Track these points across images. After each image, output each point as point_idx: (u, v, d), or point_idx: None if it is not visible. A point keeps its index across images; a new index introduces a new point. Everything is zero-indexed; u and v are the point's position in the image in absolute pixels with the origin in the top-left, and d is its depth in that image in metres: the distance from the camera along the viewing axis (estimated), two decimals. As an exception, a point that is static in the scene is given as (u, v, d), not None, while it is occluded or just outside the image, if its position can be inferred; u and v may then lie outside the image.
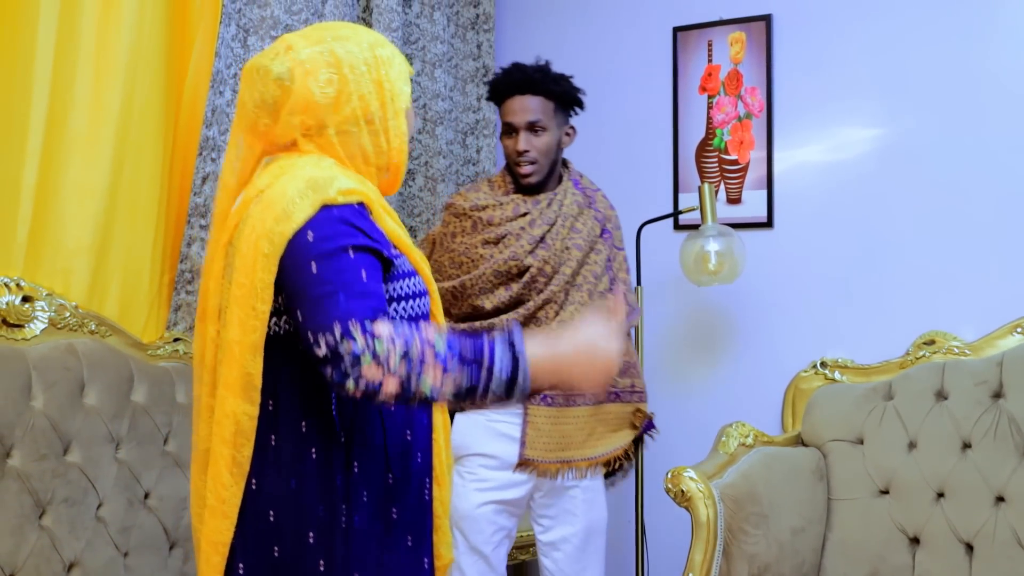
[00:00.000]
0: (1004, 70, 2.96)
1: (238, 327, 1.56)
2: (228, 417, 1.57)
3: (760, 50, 3.30)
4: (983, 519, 2.72)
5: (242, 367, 1.56)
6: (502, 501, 2.60)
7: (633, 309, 2.69)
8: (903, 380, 2.96)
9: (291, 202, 1.55)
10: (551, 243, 2.59)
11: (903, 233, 3.09)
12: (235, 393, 1.56)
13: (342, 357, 1.46)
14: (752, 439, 2.92)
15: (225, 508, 1.58)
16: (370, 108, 1.67)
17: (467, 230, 2.64)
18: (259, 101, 1.66)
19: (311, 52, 1.66)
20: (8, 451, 2.29)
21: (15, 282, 2.42)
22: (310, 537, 1.60)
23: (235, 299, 1.57)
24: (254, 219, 1.58)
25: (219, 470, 1.58)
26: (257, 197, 1.61)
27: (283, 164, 1.65)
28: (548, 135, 2.62)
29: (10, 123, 2.40)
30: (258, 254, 1.55)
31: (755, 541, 2.65)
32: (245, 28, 2.84)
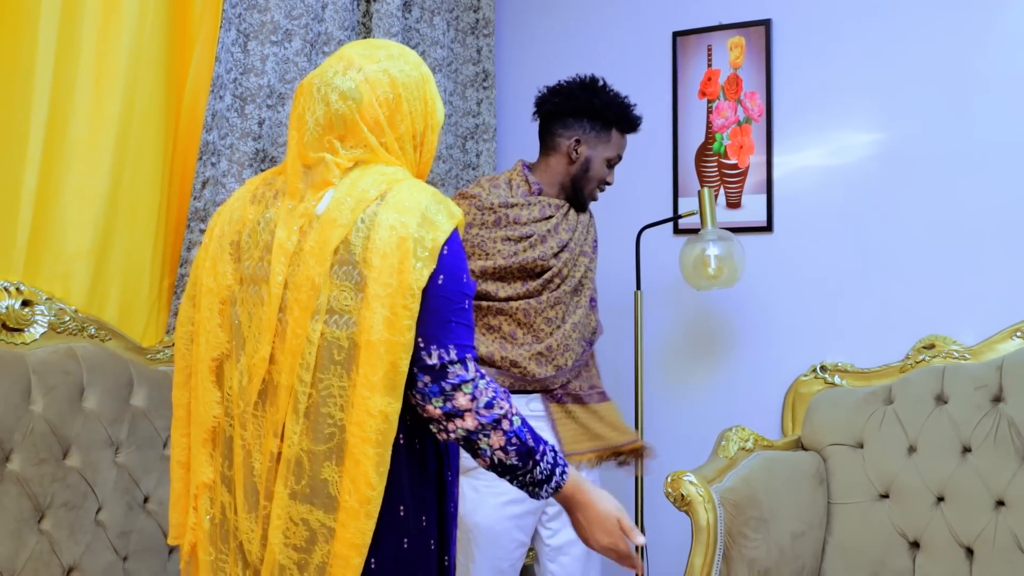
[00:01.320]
0: (1003, 75, 2.97)
1: (384, 326, 1.57)
2: (375, 416, 1.57)
3: (759, 55, 3.30)
4: (983, 523, 2.72)
5: (392, 364, 1.57)
6: (523, 513, 2.60)
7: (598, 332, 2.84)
8: (903, 384, 2.96)
9: (428, 210, 1.63)
10: (573, 248, 2.68)
11: (903, 237, 3.09)
12: (381, 391, 1.57)
13: (447, 375, 1.60)
14: (752, 443, 2.92)
15: (369, 508, 1.57)
16: (416, 123, 1.75)
17: (487, 224, 2.65)
18: (326, 117, 1.70)
19: (372, 69, 1.72)
20: (7, 455, 2.29)
21: (15, 286, 2.42)
22: (423, 521, 1.69)
23: (375, 297, 1.58)
24: (387, 220, 1.61)
25: (365, 470, 1.57)
26: (378, 200, 1.63)
27: (382, 170, 1.69)
28: None
29: (10, 127, 2.40)
30: (408, 254, 1.59)
31: (755, 545, 2.65)
32: (245, 33, 2.85)
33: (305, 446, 1.60)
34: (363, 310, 1.59)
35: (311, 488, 1.60)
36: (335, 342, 1.60)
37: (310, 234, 1.65)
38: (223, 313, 1.73)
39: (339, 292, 1.61)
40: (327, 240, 1.63)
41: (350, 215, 1.63)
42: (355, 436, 1.57)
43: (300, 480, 1.60)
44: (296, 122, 1.74)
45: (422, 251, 1.60)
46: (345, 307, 1.61)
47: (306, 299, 1.62)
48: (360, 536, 1.57)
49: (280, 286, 1.65)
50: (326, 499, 1.59)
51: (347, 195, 1.65)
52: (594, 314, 2.79)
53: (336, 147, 1.70)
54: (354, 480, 1.57)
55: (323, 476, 1.59)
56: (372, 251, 1.60)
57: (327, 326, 1.61)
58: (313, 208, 1.67)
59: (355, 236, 1.62)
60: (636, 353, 3.09)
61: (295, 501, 1.61)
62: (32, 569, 2.28)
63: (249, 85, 2.83)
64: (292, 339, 1.62)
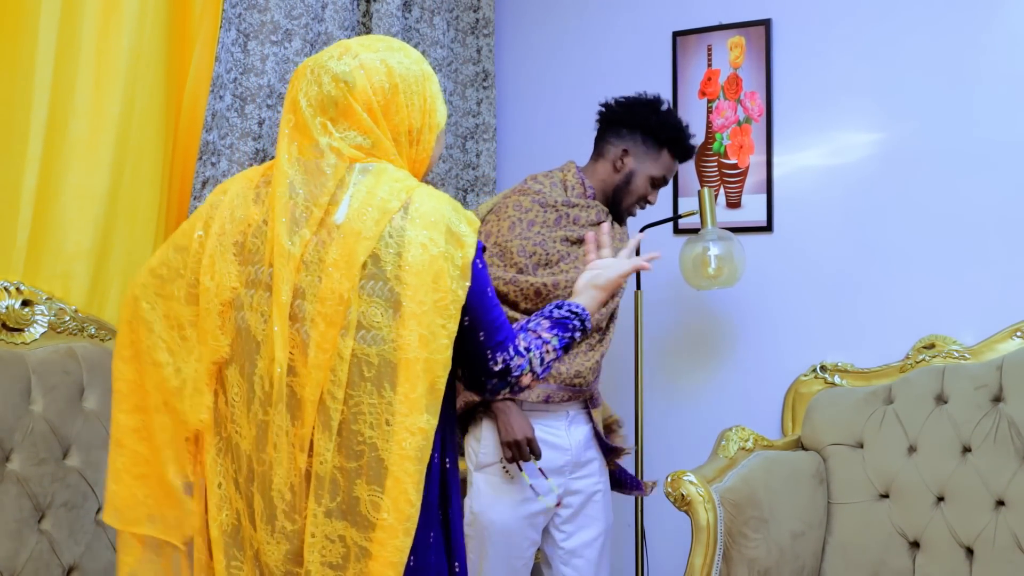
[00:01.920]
0: (1002, 73, 2.97)
1: (420, 344, 1.58)
2: (415, 434, 1.57)
3: (759, 55, 3.30)
4: (983, 523, 2.72)
5: (431, 383, 1.59)
6: (535, 513, 2.60)
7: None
8: (903, 384, 2.96)
9: (453, 223, 1.64)
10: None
11: (903, 237, 3.09)
12: (421, 409, 1.58)
13: (511, 371, 1.71)
14: (752, 443, 2.92)
15: (408, 526, 1.57)
16: (413, 118, 1.72)
17: (549, 222, 2.65)
18: (318, 99, 1.67)
19: (369, 57, 1.69)
20: (7, 455, 2.29)
21: (15, 286, 2.42)
22: (431, 537, 1.68)
23: (412, 316, 1.58)
24: (416, 238, 1.60)
25: (405, 488, 1.56)
26: (402, 212, 1.61)
27: (394, 176, 1.66)
28: None
29: (11, 127, 2.40)
30: (442, 274, 1.60)
31: (755, 545, 2.65)
32: (245, 33, 2.85)
33: (338, 463, 1.58)
34: (399, 328, 1.57)
35: (346, 505, 1.58)
36: (364, 359, 1.58)
37: (330, 245, 1.61)
38: (224, 315, 1.67)
39: (368, 308, 1.58)
40: (353, 253, 1.59)
41: (375, 227, 1.60)
42: (396, 455, 1.56)
43: (335, 497, 1.59)
44: (290, 105, 1.70)
45: (454, 269, 1.61)
46: (375, 323, 1.58)
47: (333, 313, 1.58)
48: (398, 554, 1.56)
49: (289, 294, 1.61)
50: (358, 517, 1.58)
51: (367, 204, 1.61)
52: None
53: (330, 130, 1.66)
54: (395, 499, 1.56)
55: (355, 494, 1.58)
56: (405, 269, 1.58)
57: (357, 343, 1.58)
58: (331, 216, 1.63)
59: (384, 252, 1.59)
60: (636, 353, 3.09)
61: (330, 519, 1.59)
62: (32, 569, 2.28)
63: (249, 85, 2.83)
64: (319, 353, 1.59)
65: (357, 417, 1.57)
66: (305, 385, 1.59)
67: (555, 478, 2.59)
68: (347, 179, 1.64)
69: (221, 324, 1.67)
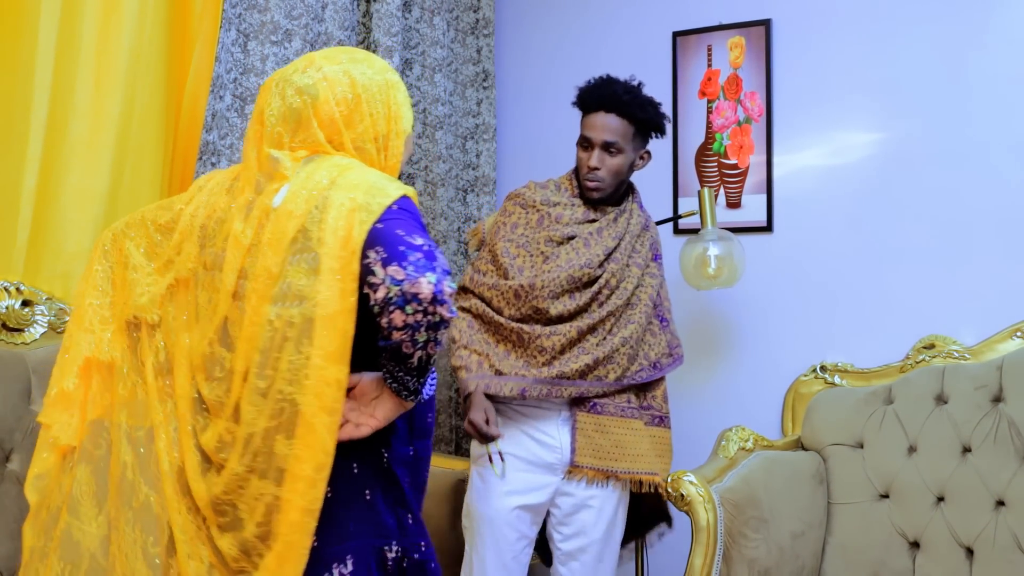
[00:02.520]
0: (1002, 74, 2.97)
1: (339, 298, 1.63)
2: (331, 385, 1.64)
3: (759, 55, 3.30)
4: (983, 523, 2.72)
5: (343, 334, 1.64)
6: (526, 506, 2.58)
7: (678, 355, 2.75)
8: (903, 384, 2.96)
9: (376, 183, 1.69)
10: (620, 257, 2.61)
11: (903, 237, 3.09)
12: (336, 360, 1.64)
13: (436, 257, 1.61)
14: (752, 443, 2.92)
15: (324, 474, 1.64)
16: (378, 126, 1.80)
17: (531, 223, 2.64)
18: (281, 111, 1.77)
19: (332, 69, 1.78)
20: (7, 455, 2.29)
21: (15, 286, 2.42)
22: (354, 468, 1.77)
23: (330, 271, 1.64)
24: (337, 201, 1.66)
25: (320, 438, 1.63)
26: (330, 186, 1.68)
27: (335, 161, 1.75)
28: (622, 157, 2.62)
29: (11, 127, 2.40)
30: (355, 223, 1.64)
31: (755, 545, 2.65)
32: (245, 33, 2.85)
33: (261, 424, 1.66)
34: (317, 286, 1.64)
35: (267, 463, 1.66)
36: (288, 320, 1.65)
37: (267, 226, 1.70)
38: (175, 291, 1.81)
39: (295, 278, 1.66)
40: (283, 231, 1.68)
41: (304, 205, 1.68)
42: (312, 406, 1.63)
43: (256, 457, 1.66)
44: (256, 117, 1.81)
45: (367, 215, 1.64)
46: (299, 289, 1.65)
47: (263, 288, 1.67)
48: (316, 502, 1.64)
49: (234, 276, 1.71)
50: (277, 472, 1.65)
51: (302, 188, 1.70)
52: (663, 335, 2.70)
53: (285, 141, 1.76)
54: (311, 447, 1.63)
55: (275, 451, 1.65)
56: (325, 230, 1.65)
57: (285, 308, 1.65)
58: (269, 202, 1.72)
59: (310, 223, 1.67)
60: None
61: (254, 476, 1.67)
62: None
63: (249, 85, 2.83)
64: (249, 326, 1.68)
65: (277, 377, 1.65)
66: (238, 358, 1.69)
67: (546, 475, 2.59)
68: (293, 170, 1.74)
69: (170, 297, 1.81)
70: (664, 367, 2.69)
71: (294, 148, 1.77)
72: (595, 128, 2.62)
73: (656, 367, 2.68)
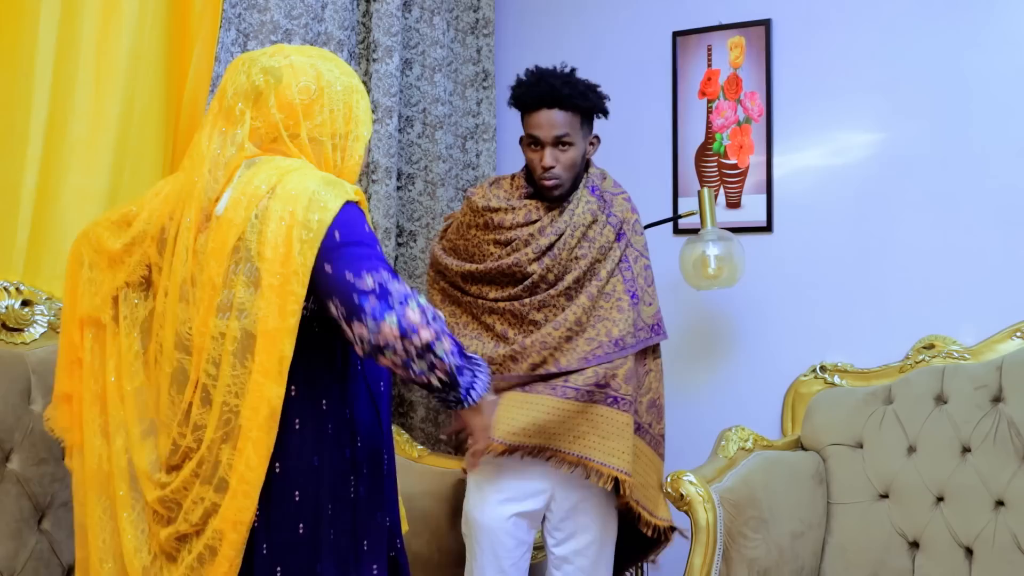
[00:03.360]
0: (1002, 74, 2.97)
1: (277, 315, 1.64)
2: (264, 402, 1.65)
3: (759, 55, 3.30)
4: (983, 523, 2.72)
5: (280, 352, 1.65)
6: (522, 513, 2.56)
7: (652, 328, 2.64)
8: (903, 384, 2.96)
9: (316, 194, 1.67)
10: (558, 252, 2.56)
11: (902, 237, 3.09)
12: (272, 378, 1.65)
13: (390, 293, 1.61)
14: (752, 443, 2.92)
15: (248, 488, 1.66)
16: (336, 123, 1.80)
17: (479, 226, 2.65)
18: (242, 87, 1.77)
19: (300, 60, 1.80)
20: (7, 455, 2.29)
21: (15, 286, 2.42)
22: (328, 509, 1.76)
23: (270, 288, 1.65)
24: (276, 213, 1.66)
25: (247, 453, 1.65)
26: (269, 194, 1.69)
27: (276, 165, 1.74)
28: (574, 149, 2.58)
29: (10, 127, 2.40)
30: (294, 240, 1.64)
31: (755, 545, 2.65)
32: (245, 33, 2.85)
33: (209, 434, 1.69)
34: (258, 301, 1.66)
35: (211, 470, 1.69)
36: (232, 335, 1.67)
37: (210, 236, 1.72)
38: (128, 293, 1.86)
39: (240, 289, 1.68)
40: (224, 240, 1.69)
41: (244, 213, 1.69)
42: (249, 420, 1.66)
43: (202, 464, 1.70)
44: (218, 95, 1.81)
45: (307, 233, 1.65)
46: (243, 302, 1.67)
47: (208, 298, 1.69)
48: (240, 513, 1.66)
49: (178, 284, 1.74)
50: (218, 480, 1.69)
51: (242, 194, 1.71)
52: (631, 311, 2.58)
53: (245, 118, 1.76)
54: (246, 460, 1.66)
55: (219, 458, 1.68)
56: (264, 244, 1.67)
57: (230, 321, 1.68)
58: (213, 209, 1.73)
59: (249, 232, 1.68)
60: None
61: (197, 481, 1.71)
62: (32, 569, 2.28)
63: (249, 85, 2.83)
64: (199, 337, 1.71)
65: (225, 389, 1.67)
66: (191, 365, 1.72)
67: (539, 481, 2.56)
68: (235, 174, 1.75)
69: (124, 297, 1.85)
70: (629, 346, 2.56)
71: (254, 128, 1.77)
72: (542, 126, 2.56)
73: (618, 344, 2.55)
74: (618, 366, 2.54)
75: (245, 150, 1.76)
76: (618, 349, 2.55)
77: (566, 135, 2.55)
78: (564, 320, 2.54)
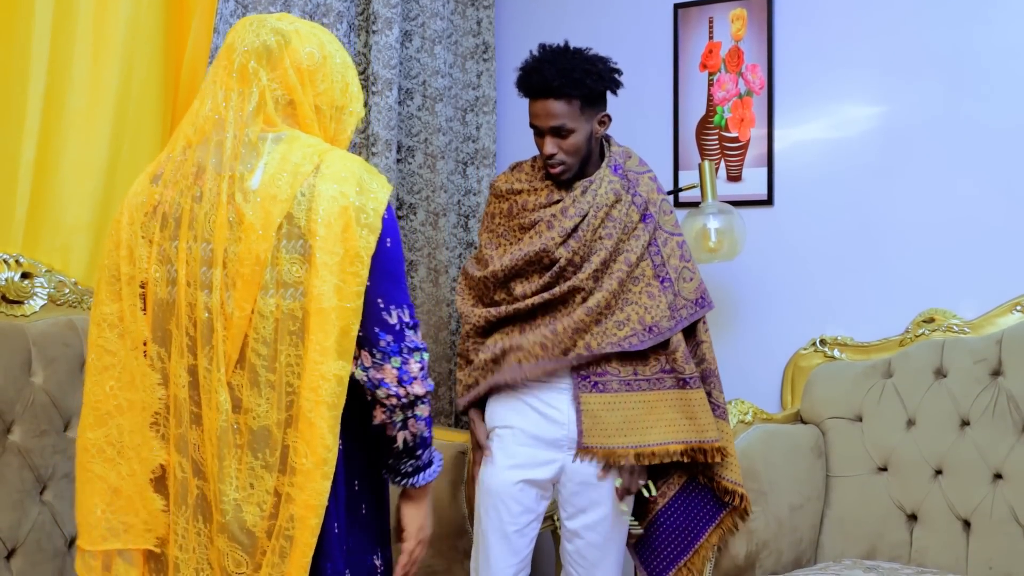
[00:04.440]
0: (1005, 48, 2.95)
1: (334, 293, 1.64)
2: (328, 379, 1.64)
3: (761, 27, 3.28)
4: (981, 496, 2.73)
5: (343, 330, 1.65)
6: (531, 480, 2.55)
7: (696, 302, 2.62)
8: (902, 358, 2.96)
9: (363, 180, 1.71)
10: (582, 234, 2.53)
11: (903, 211, 3.08)
12: (333, 355, 1.64)
13: (405, 337, 1.71)
14: (751, 416, 2.93)
15: (326, 469, 1.64)
16: (334, 94, 1.81)
17: (504, 212, 2.62)
18: (255, 46, 1.75)
19: (306, 29, 1.80)
20: (9, 427, 2.30)
21: (14, 259, 2.42)
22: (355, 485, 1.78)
23: (324, 266, 1.64)
24: (327, 192, 1.67)
25: (320, 432, 1.63)
26: (314, 172, 1.68)
27: (306, 142, 1.73)
28: (576, 135, 2.53)
29: (8, 100, 2.39)
30: (352, 222, 1.66)
31: (754, 518, 2.66)
32: (243, 4, 2.83)
33: (274, 417, 1.65)
34: (311, 278, 1.64)
35: (281, 457, 1.65)
36: (291, 314, 1.65)
37: (246, 208, 1.66)
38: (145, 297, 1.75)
39: (290, 266, 1.66)
40: (270, 215, 1.66)
41: (289, 190, 1.67)
42: (309, 400, 1.63)
43: (274, 452, 1.65)
44: (225, 51, 1.78)
45: (365, 217, 1.67)
46: (297, 279, 1.65)
47: (250, 273, 1.65)
48: (316, 497, 1.63)
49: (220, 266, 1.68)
50: (286, 465, 1.66)
51: (281, 169, 1.68)
52: (663, 297, 2.57)
53: (261, 76, 1.74)
54: (309, 442, 1.63)
55: (287, 443, 1.65)
56: (315, 222, 1.65)
57: (283, 299, 1.65)
58: (247, 183, 1.68)
59: (297, 209, 1.66)
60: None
61: (267, 472, 1.66)
62: (34, 540, 2.30)
63: (248, 57, 2.82)
64: (238, 313, 1.66)
65: (287, 369, 1.65)
66: (227, 340, 1.67)
67: (551, 451, 2.57)
68: (260, 148, 1.71)
69: (143, 306, 1.75)
70: (666, 329, 2.55)
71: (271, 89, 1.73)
72: (539, 116, 2.55)
73: (653, 331, 2.55)
74: (675, 348, 2.56)
75: (266, 113, 1.72)
76: (652, 335, 2.54)
77: (563, 125, 2.52)
78: (595, 304, 2.52)
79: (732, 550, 2.63)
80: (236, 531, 1.65)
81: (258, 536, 1.65)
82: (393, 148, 3.22)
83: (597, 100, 2.58)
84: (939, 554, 2.75)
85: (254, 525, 1.65)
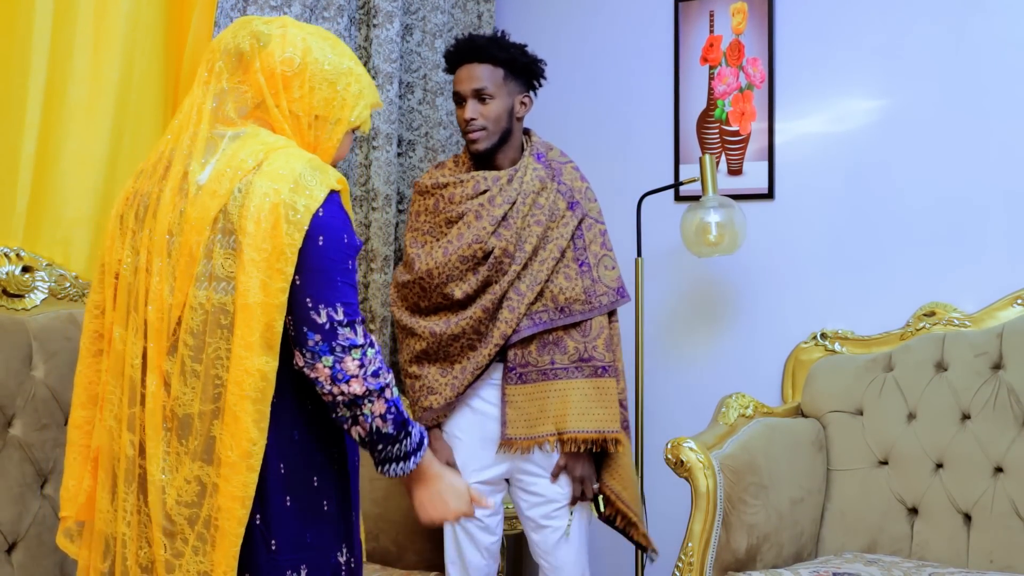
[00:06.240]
0: (1005, 41, 2.95)
1: (260, 290, 1.65)
2: (252, 374, 1.65)
3: (762, 20, 3.28)
4: (981, 489, 2.73)
5: (267, 326, 1.65)
6: (483, 481, 2.59)
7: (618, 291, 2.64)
8: (903, 351, 2.96)
9: (302, 176, 1.69)
10: (512, 222, 2.54)
11: (904, 204, 3.08)
12: (258, 351, 1.65)
13: (337, 336, 1.67)
14: (752, 410, 2.93)
15: (251, 462, 1.65)
16: (314, 102, 1.79)
17: (430, 208, 2.63)
18: (228, 47, 1.78)
19: (294, 33, 1.80)
20: (9, 420, 2.30)
21: (15, 252, 2.42)
22: (314, 481, 1.75)
23: (251, 263, 1.65)
24: (260, 189, 1.67)
25: (244, 426, 1.64)
26: (255, 169, 1.69)
27: (263, 140, 1.75)
28: (496, 102, 2.57)
29: (9, 93, 2.39)
30: (280, 219, 1.65)
31: (754, 511, 2.66)
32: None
33: (197, 407, 1.67)
34: (239, 274, 1.66)
35: (204, 446, 1.67)
36: (221, 307, 1.67)
37: (190, 205, 1.70)
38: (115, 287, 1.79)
39: (223, 260, 1.67)
40: (206, 210, 1.69)
41: (228, 185, 1.69)
42: (234, 394, 1.65)
43: (196, 439, 1.68)
44: (209, 49, 1.82)
45: (294, 215, 1.66)
46: (228, 274, 1.67)
47: (185, 267, 1.68)
48: (242, 488, 1.65)
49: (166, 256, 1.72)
50: (212, 455, 1.67)
51: (227, 166, 1.70)
52: (580, 280, 2.59)
53: (223, 77, 1.77)
54: (234, 436, 1.65)
55: (212, 433, 1.67)
56: (246, 218, 1.66)
57: (214, 292, 1.67)
58: (197, 176, 1.72)
59: (232, 205, 1.68)
60: (636, 320, 3.09)
61: (189, 459, 1.68)
62: (35, 533, 2.30)
63: (248, 50, 2.81)
64: (172, 305, 1.69)
65: (215, 362, 1.67)
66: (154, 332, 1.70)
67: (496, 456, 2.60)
68: (218, 145, 1.74)
69: (111, 295, 1.80)
70: (576, 313, 2.57)
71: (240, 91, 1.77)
72: (462, 80, 2.59)
73: (564, 312, 2.57)
74: (597, 334, 2.60)
75: (224, 112, 1.76)
76: (563, 316, 2.58)
77: (485, 88, 2.57)
78: (528, 292, 2.55)
79: (733, 543, 2.63)
80: (159, 513, 1.68)
81: (177, 522, 1.68)
82: (394, 142, 3.22)
83: (520, 74, 2.63)
84: (940, 547, 2.76)
85: (171, 509, 1.68)
